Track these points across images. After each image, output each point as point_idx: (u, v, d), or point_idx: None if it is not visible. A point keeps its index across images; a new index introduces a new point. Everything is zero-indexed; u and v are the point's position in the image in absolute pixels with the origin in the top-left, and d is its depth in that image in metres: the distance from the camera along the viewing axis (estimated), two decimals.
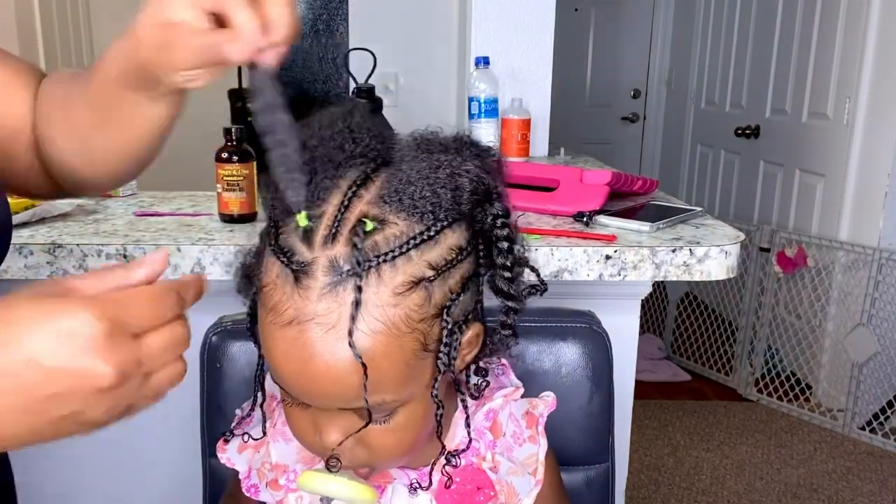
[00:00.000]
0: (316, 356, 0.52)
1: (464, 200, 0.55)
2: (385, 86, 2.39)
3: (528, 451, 0.70)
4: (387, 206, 0.53)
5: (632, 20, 4.49)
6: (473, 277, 0.58)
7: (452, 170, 0.55)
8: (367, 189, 0.55)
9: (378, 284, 0.52)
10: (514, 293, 0.60)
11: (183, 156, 3.24)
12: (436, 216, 0.54)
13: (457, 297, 0.56)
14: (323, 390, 0.54)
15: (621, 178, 1.21)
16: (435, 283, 0.54)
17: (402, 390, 0.56)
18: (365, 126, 0.58)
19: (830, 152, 2.83)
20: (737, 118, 3.52)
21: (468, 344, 0.61)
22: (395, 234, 0.53)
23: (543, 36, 2.00)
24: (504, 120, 1.81)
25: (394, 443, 0.60)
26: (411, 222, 0.53)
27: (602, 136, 4.51)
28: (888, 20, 2.55)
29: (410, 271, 0.53)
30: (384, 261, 0.52)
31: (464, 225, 0.57)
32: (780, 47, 3.21)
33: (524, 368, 0.86)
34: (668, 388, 2.99)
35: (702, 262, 0.96)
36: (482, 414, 0.69)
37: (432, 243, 0.54)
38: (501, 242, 0.58)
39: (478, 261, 0.59)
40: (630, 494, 2.22)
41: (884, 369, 2.59)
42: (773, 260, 2.87)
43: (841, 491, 2.29)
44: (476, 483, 0.68)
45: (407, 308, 0.53)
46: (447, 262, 0.55)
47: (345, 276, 0.51)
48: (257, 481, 0.71)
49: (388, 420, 0.58)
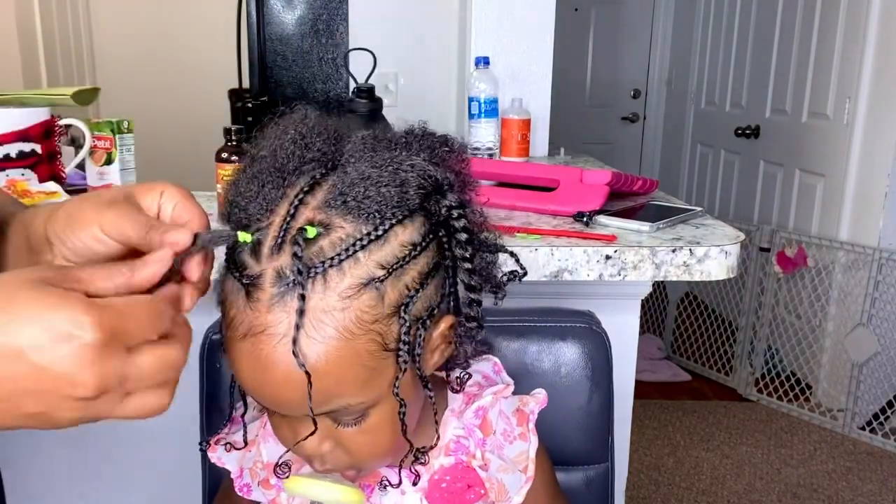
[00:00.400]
0: (270, 367, 0.52)
1: (410, 196, 0.54)
2: (385, 86, 2.39)
3: (518, 448, 0.70)
4: (332, 210, 0.53)
5: (632, 20, 4.49)
6: (435, 271, 0.57)
7: (396, 166, 0.54)
8: (313, 195, 0.54)
9: (324, 290, 0.52)
10: (476, 284, 0.60)
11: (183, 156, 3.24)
12: (382, 215, 0.53)
13: (415, 293, 0.55)
14: (283, 399, 0.55)
15: (621, 178, 1.21)
16: (387, 282, 0.53)
17: (364, 392, 0.56)
18: (317, 131, 0.57)
19: (830, 152, 2.83)
20: (737, 118, 3.52)
21: (441, 337, 0.61)
22: (340, 237, 0.52)
23: (543, 36, 2.00)
24: (504, 120, 1.81)
25: (370, 443, 0.60)
26: (357, 224, 0.53)
27: (602, 136, 4.51)
28: (888, 20, 2.55)
29: (358, 273, 0.52)
30: (330, 266, 0.52)
31: (419, 219, 0.56)
32: (780, 47, 3.21)
33: (524, 368, 0.86)
34: (668, 388, 2.99)
35: (702, 262, 0.96)
36: (472, 412, 0.69)
37: (381, 242, 0.53)
38: (459, 234, 0.57)
39: (442, 253, 0.58)
40: (630, 494, 2.22)
41: (884, 369, 2.59)
42: (773, 260, 2.87)
43: (841, 491, 2.29)
44: (466, 481, 0.68)
45: (357, 310, 0.52)
46: (399, 260, 0.54)
47: (291, 286, 0.51)
48: (249, 481, 0.72)
49: (361, 422, 0.58)
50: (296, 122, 0.58)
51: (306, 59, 2.40)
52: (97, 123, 1.26)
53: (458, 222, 0.57)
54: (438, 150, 0.59)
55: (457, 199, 0.57)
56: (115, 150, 1.26)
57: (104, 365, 0.41)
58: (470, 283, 0.59)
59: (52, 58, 2.92)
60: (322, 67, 2.42)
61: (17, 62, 2.63)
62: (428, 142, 0.59)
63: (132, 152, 1.31)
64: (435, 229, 0.57)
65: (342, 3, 2.38)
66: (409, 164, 0.55)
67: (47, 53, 2.86)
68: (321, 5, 2.39)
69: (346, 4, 2.37)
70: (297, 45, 2.38)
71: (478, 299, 0.60)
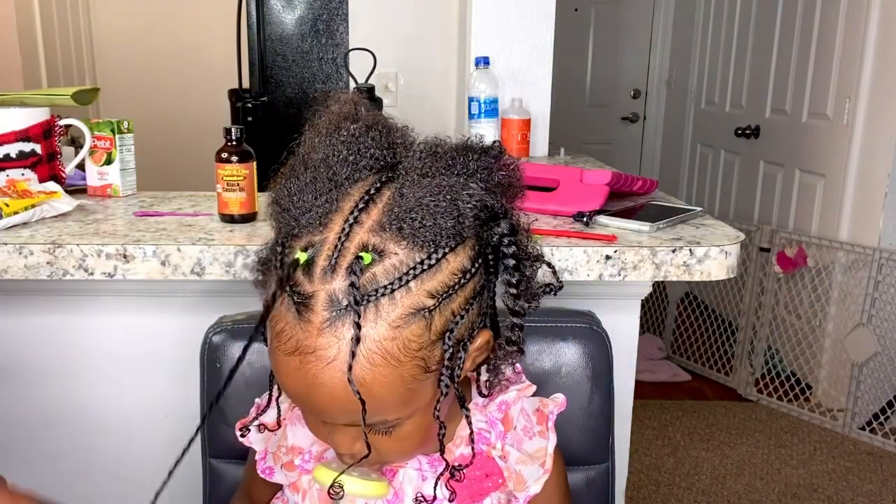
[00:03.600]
0: (317, 385, 0.53)
1: (466, 226, 0.54)
2: (385, 86, 2.40)
3: (537, 444, 0.72)
4: (387, 234, 0.53)
5: (632, 20, 4.49)
6: (481, 292, 0.58)
7: (454, 195, 0.54)
8: (368, 213, 0.54)
9: (376, 319, 0.52)
10: (520, 309, 0.60)
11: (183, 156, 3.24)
12: (437, 244, 0.53)
13: (460, 318, 0.55)
14: (325, 412, 0.56)
15: (621, 178, 1.21)
16: (435, 311, 0.54)
17: (403, 410, 0.57)
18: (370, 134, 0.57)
19: (830, 152, 2.83)
20: (737, 118, 3.52)
21: (477, 350, 0.61)
22: (394, 264, 0.52)
23: (543, 36, 2.00)
24: (504, 120, 1.81)
25: (399, 447, 0.61)
26: (411, 251, 0.53)
27: (602, 136, 4.51)
28: (888, 20, 2.55)
29: (409, 303, 0.53)
30: (382, 294, 0.52)
31: (469, 244, 0.56)
32: (780, 47, 3.21)
33: (525, 369, 0.86)
34: (668, 388, 2.99)
35: (702, 262, 0.96)
36: (495, 405, 0.71)
37: (433, 272, 0.53)
38: (507, 260, 0.57)
39: (487, 274, 0.58)
40: (630, 494, 2.22)
41: (884, 369, 2.59)
42: (773, 260, 2.87)
43: (841, 491, 2.29)
44: (485, 470, 0.69)
45: (405, 339, 0.53)
46: (449, 289, 0.54)
47: (343, 311, 0.52)
48: (272, 463, 0.74)
49: (392, 431, 0.59)
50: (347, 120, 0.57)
51: (306, 59, 2.40)
52: (97, 123, 1.26)
53: (508, 249, 0.57)
54: (495, 172, 0.58)
55: (509, 227, 0.57)
56: (115, 150, 1.26)
57: None
58: (514, 308, 0.59)
59: (52, 58, 2.92)
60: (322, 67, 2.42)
61: (17, 62, 2.63)
62: (485, 161, 0.58)
63: (132, 152, 1.31)
64: (483, 251, 0.57)
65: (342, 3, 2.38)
66: (467, 193, 0.55)
67: (47, 53, 2.86)
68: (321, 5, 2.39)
69: (346, 4, 2.37)
70: (297, 45, 2.38)
71: (521, 324, 0.61)
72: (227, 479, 0.89)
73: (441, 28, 2.41)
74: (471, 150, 0.58)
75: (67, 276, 0.96)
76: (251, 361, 0.87)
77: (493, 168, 0.58)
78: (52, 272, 0.95)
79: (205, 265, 0.95)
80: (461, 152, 0.58)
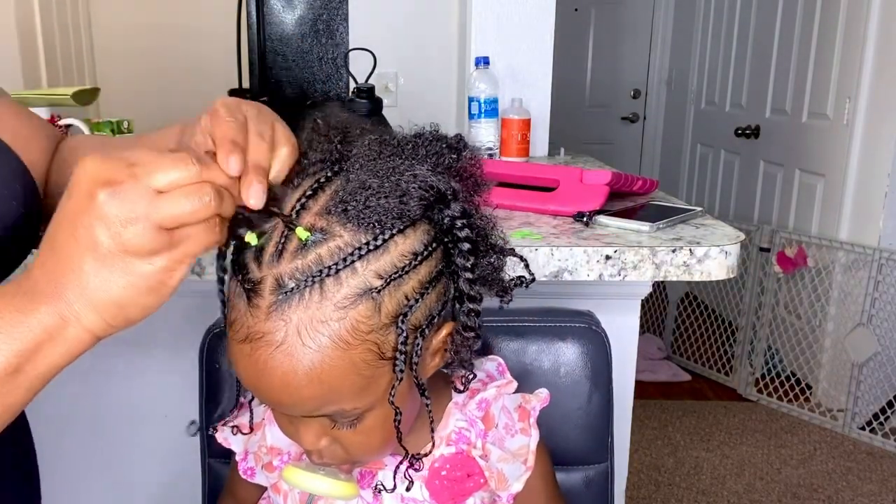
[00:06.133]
0: (267, 372, 0.53)
1: (411, 207, 0.54)
2: (385, 86, 2.40)
3: (519, 441, 0.71)
4: (332, 217, 0.53)
5: (632, 20, 4.48)
6: (438, 279, 0.57)
7: (398, 176, 0.54)
8: (315, 200, 0.54)
9: (321, 299, 0.52)
10: (476, 294, 0.59)
11: None
12: (382, 225, 0.53)
13: (415, 302, 0.55)
14: (280, 401, 0.56)
15: (621, 178, 1.21)
16: (384, 292, 0.53)
17: (359, 399, 0.56)
18: (323, 132, 0.57)
19: (830, 152, 2.82)
20: (737, 118, 3.52)
21: (442, 342, 0.61)
22: (339, 245, 0.52)
23: (543, 36, 2.00)
24: (504, 120, 1.81)
25: (366, 443, 0.61)
26: (356, 233, 0.53)
27: (602, 136, 4.51)
28: (888, 20, 2.55)
29: (355, 283, 0.52)
30: (327, 275, 0.52)
31: (423, 227, 0.56)
32: (780, 47, 3.21)
33: (523, 368, 0.86)
34: (668, 388, 2.99)
35: (702, 262, 0.96)
36: (475, 403, 0.70)
37: (379, 252, 0.53)
38: (462, 244, 0.57)
39: (447, 261, 0.58)
40: (630, 494, 2.22)
41: (884, 369, 2.59)
42: (773, 260, 2.87)
43: (841, 491, 2.29)
44: (466, 470, 0.69)
45: (353, 320, 0.52)
46: (398, 270, 0.54)
47: (289, 294, 0.52)
48: (254, 464, 0.74)
49: (356, 424, 0.59)
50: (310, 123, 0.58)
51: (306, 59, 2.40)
52: (97, 123, 1.26)
53: (461, 232, 0.56)
54: (446, 156, 0.58)
55: (460, 209, 0.56)
56: None
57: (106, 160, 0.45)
58: (470, 293, 0.59)
59: (52, 58, 2.92)
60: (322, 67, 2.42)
61: (17, 62, 2.63)
62: (436, 147, 0.58)
63: None
64: (439, 237, 0.57)
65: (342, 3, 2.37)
66: (410, 174, 0.55)
67: (47, 53, 2.86)
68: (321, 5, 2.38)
69: (346, 4, 2.37)
70: (297, 45, 2.38)
71: (476, 309, 0.60)
72: (227, 478, 0.89)
73: (441, 28, 2.41)
74: (420, 136, 0.59)
75: None
76: None
77: (444, 154, 0.58)
78: None
79: (205, 265, 0.95)
80: (411, 139, 0.58)
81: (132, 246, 0.45)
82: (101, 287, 0.45)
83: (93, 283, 0.45)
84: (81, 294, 0.45)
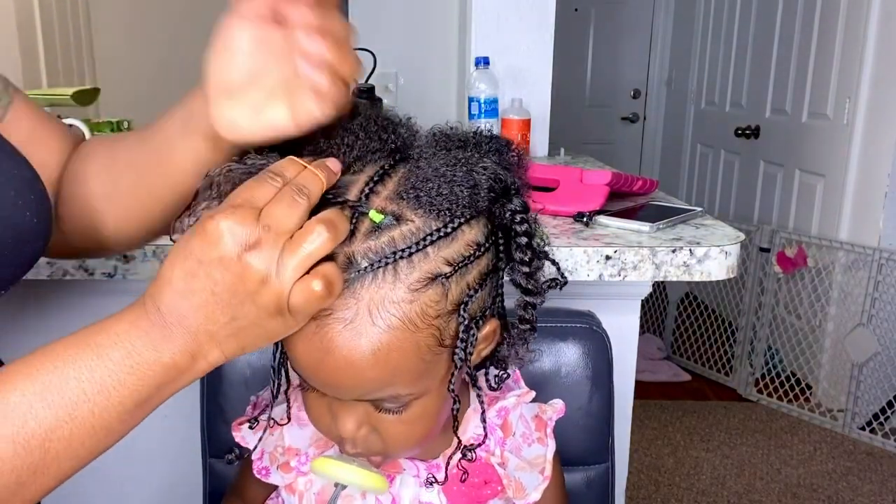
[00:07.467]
0: (334, 350, 0.53)
1: (481, 197, 0.55)
2: (385, 86, 2.39)
3: (536, 451, 0.71)
4: (404, 203, 0.53)
5: (632, 20, 4.49)
6: (492, 273, 0.58)
7: (470, 167, 0.55)
8: (384, 185, 0.55)
9: (395, 281, 0.52)
10: (533, 288, 0.60)
11: None
12: (453, 213, 0.54)
13: (474, 292, 0.56)
14: (340, 383, 0.55)
15: (621, 178, 1.21)
16: (452, 279, 0.54)
17: (416, 384, 0.56)
18: (381, 121, 0.58)
19: (830, 152, 2.83)
20: (737, 118, 3.52)
21: (485, 339, 0.61)
22: (411, 230, 0.53)
23: (543, 36, 2.00)
24: (504, 120, 1.81)
25: (407, 433, 0.61)
26: (427, 219, 0.53)
27: (602, 136, 4.51)
28: (888, 20, 2.55)
29: (427, 268, 0.53)
30: (401, 257, 0.52)
31: (482, 221, 0.57)
32: (780, 47, 3.21)
33: (524, 369, 0.86)
34: (668, 388, 2.99)
35: (702, 262, 0.96)
36: (494, 411, 0.71)
37: (449, 240, 0.54)
38: (520, 238, 0.58)
39: (497, 256, 0.59)
40: (630, 494, 2.22)
41: (884, 369, 2.59)
42: (773, 260, 2.87)
43: (841, 491, 2.29)
44: (484, 477, 0.69)
45: (423, 304, 0.53)
46: (464, 259, 0.54)
47: (362, 272, 0.52)
48: (268, 464, 0.73)
49: (402, 411, 0.59)
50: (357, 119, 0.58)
51: None
52: (97, 123, 1.26)
53: (520, 226, 0.57)
54: (506, 154, 0.59)
55: (521, 204, 0.58)
56: None
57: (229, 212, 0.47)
58: (527, 286, 0.60)
59: (52, 58, 2.92)
60: None
61: (17, 62, 2.63)
62: (496, 144, 0.59)
63: None
64: (495, 231, 0.58)
65: (342, 3, 2.37)
66: (482, 165, 0.55)
67: (47, 53, 2.86)
68: None
69: (346, 4, 2.37)
70: None
71: (533, 302, 0.61)
72: (228, 479, 0.89)
73: (441, 28, 2.41)
74: (481, 133, 0.60)
75: (67, 276, 0.96)
76: (251, 362, 0.87)
77: (503, 152, 0.59)
78: (52, 272, 0.95)
79: None
80: (472, 134, 0.60)
81: (266, 309, 0.48)
82: (233, 335, 0.49)
83: (225, 332, 0.49)
84: (212, 338, 0.49)
